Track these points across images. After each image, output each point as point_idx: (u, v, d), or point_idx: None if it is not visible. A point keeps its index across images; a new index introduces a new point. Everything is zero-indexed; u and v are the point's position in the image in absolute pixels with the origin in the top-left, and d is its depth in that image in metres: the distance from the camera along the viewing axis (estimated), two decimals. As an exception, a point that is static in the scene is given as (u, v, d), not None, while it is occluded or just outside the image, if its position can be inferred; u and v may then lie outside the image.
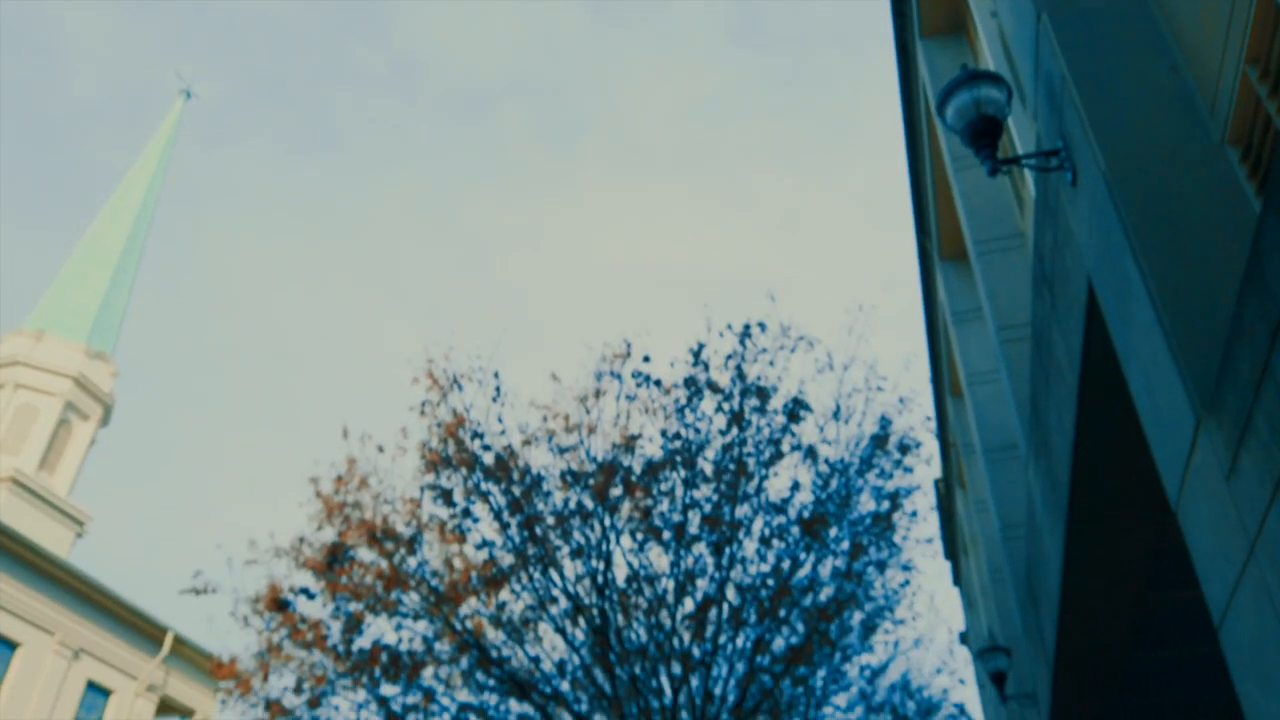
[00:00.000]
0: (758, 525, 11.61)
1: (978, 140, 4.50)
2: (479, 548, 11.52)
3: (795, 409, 11.61)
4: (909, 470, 12.86)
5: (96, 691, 23.58)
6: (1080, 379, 5.03)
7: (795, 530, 11.63)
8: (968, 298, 13.91)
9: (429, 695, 11.28)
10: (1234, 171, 3.21)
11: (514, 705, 11.75)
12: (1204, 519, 3.08)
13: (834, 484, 11.97)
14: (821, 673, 14.68)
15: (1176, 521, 6.64)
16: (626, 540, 11.63)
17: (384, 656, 11.02)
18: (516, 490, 11.36)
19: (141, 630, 24.82)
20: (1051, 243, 5.27)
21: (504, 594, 11.60)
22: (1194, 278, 3.14)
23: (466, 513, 11.48)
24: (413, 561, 11.47)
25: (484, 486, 11.48)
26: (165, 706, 26.41)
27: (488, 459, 11.48)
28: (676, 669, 11.30)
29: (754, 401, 11.77)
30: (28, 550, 21.38)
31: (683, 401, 11.63)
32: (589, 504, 11.43)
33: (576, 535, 11.46)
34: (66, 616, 22.58)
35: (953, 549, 26.97)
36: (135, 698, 24.45)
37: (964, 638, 27.27)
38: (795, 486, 11.59)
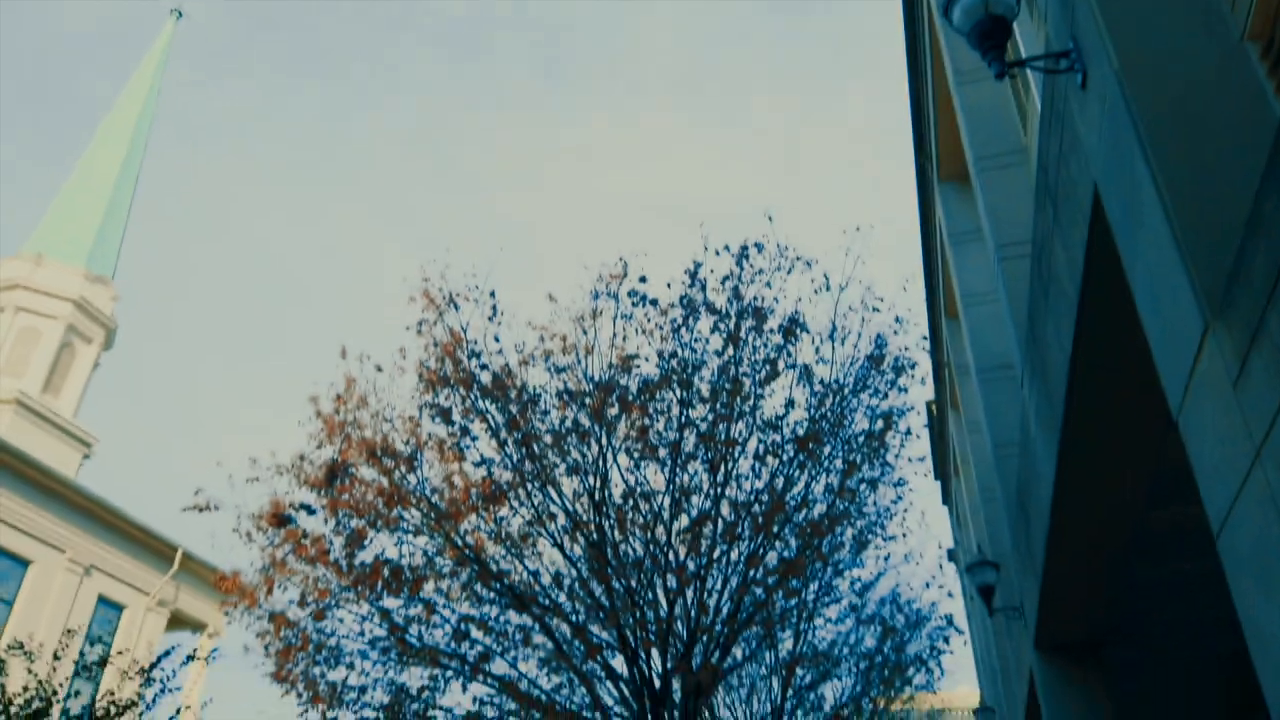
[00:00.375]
0: (752, 443, 11.70)
1: (984, 42, 4.34)
2: (477, 465, 11.61)
3: (792, 326, 11.57)
4: (904, 390, 12.90)
5: (109, 606, 24.10)
6: (1081, 292, 4.97)
7: (789, 448, 11.72)
8: (965, 218, 13.77)
9: (430, 607, 11.49)
10: (1253, 68, 3.10)
11: (513, 617, 12.00)
12: (1207, 428, 3.06)
13: (829, 403, 12.01)
14: (814, 586, 14.99)
15: (1172, 438, 6.67)
16: (624, 459, 11.73)
17: (386, 571, 11.20)
18: (513, 409, 11.39)
19: (151, 548, 25.26)
20: (1057, 152, 5.15)
21: (503, 510, 11.73)
22: (1208, 179, 3.06)
23: (465, 431, 11.53)
24: (413, 479, 11.56)
25: (481, 405, 11.50)
26: (177, 620, 27.01)
27: (484, 378, 11.48)
28: (672, 582, 11.51)
29: (750, 322, 11.73)
30: (36, 470, 21.57)
31: (679, 321, 11.58)
32: (586, 422, 11.48)
33: (574, 453, 11.54)
34: (76, 534, 22.94)
35: (943, 469, 27.32)
36: (147, 612, 25.00)
37: (952, 555, 27.86)
38: (790, 404, 11.63)
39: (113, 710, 6.86)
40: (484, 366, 11.49)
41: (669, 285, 11.80)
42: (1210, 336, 2.95)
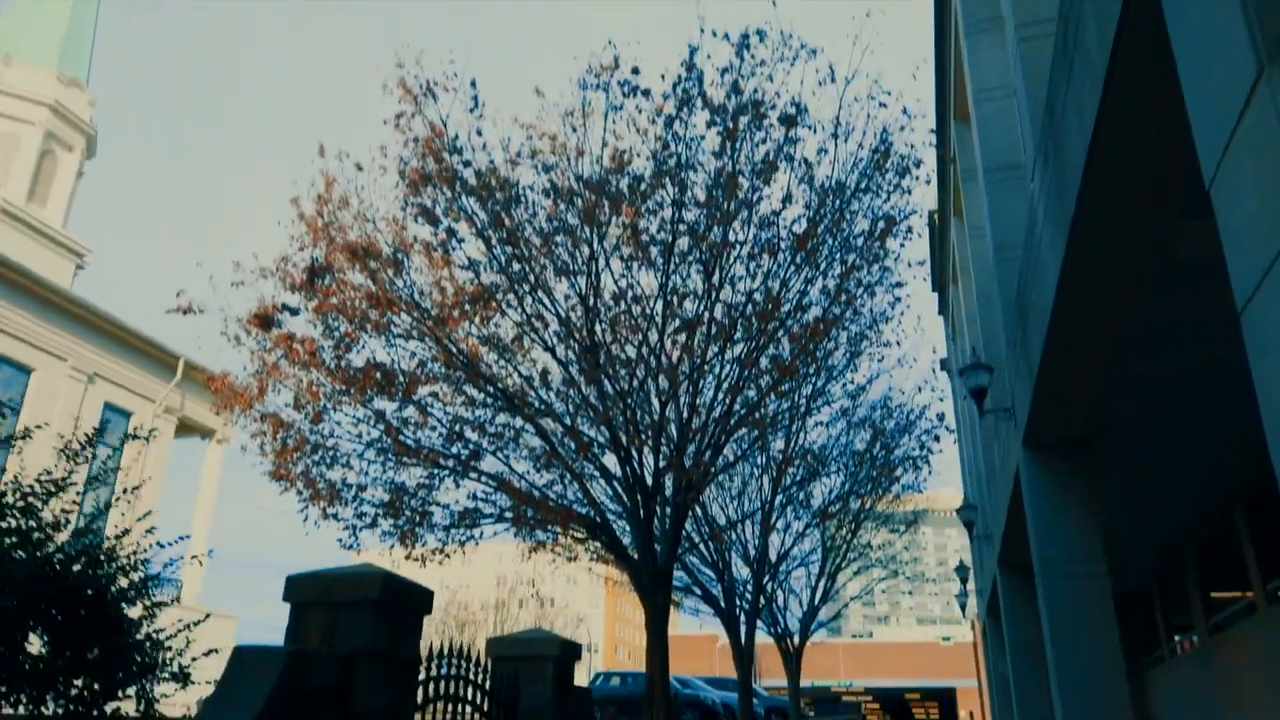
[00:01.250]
0: (748, 245, 11.36)
1: None
2: (464, 268, 11.32)
3: (794, 114, 10.93)
4: (907, 192, 12.43)
5: (115, 412, 24.51)
6: (1111, 60, 4.51)
7: (786, 251, 11.39)
8: (984, 3, 12.84)
9: (423, 410, 11.54)
10: None
11: (505, 418, 12.09)
12: (1245, 189, 2.75)
13: (829, 203, 11.57)
14: (806, 389, 15.11)
15: (1185, 226, 6.36)
16: (616, 264, 11.43)
17: (377, 374, 11.15)
18: (498, 207, 10.95)
19: (153, 357, 25.43)
20: (1099, -104, 4.53)
21: (492, 314, 11.55)
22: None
23: (451, 233, 11.15)
24: (400, 283, 11.31)
25: (466, 204, 11.05)
26: (186, 428, 27.60)
27: (468, 175, 10.97)
28: (664, 383, 11.51)
29: (748, 117, 11.10)
30: (29, 280, 21.30)
31: (673, 114, 10.93)
32: (575, 223, 11.09)
33: (563, 255, 11.22)
34: (77, 344, 22.99)
35: (941, 280, 27.13)
36: (155, 419, 25.48)
37: (945, 365, 28.23)
38: (787, 198, 11.19)
39: (46, 488, 6.87)
40: (467, 163, 10.95)
41: (663, 76, 11.06)
42: (1263, 84, 2.59)
